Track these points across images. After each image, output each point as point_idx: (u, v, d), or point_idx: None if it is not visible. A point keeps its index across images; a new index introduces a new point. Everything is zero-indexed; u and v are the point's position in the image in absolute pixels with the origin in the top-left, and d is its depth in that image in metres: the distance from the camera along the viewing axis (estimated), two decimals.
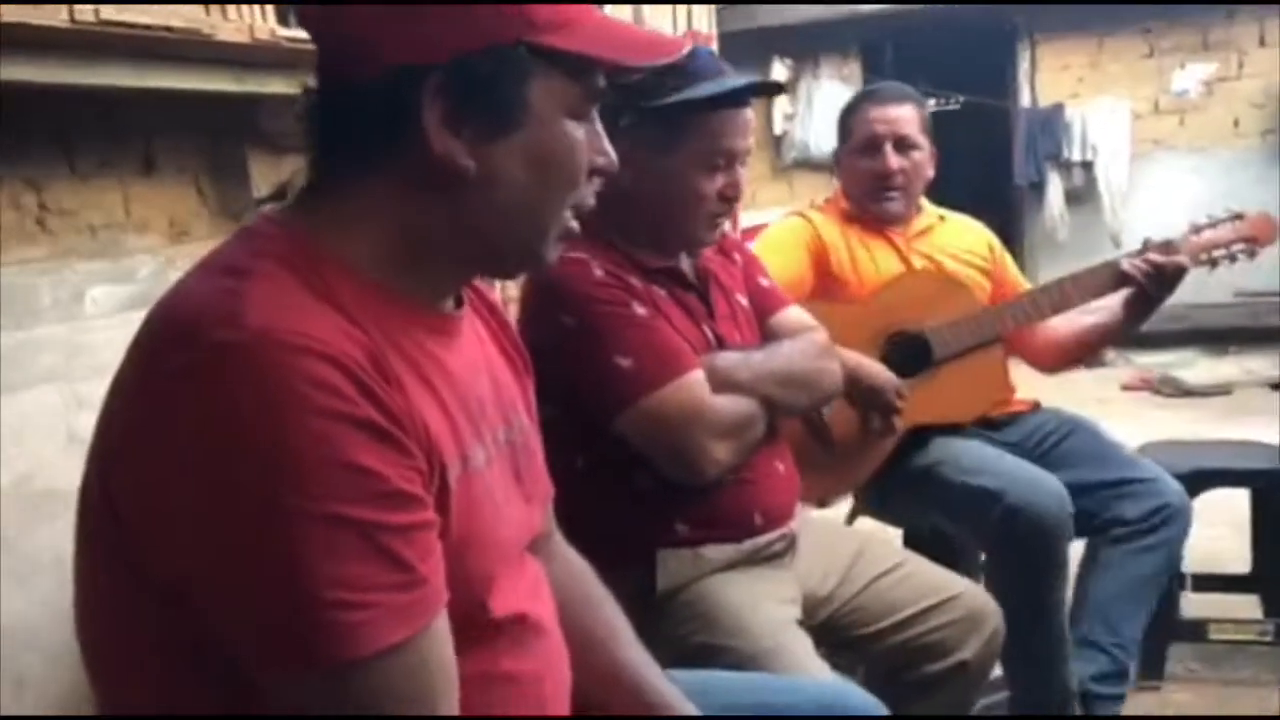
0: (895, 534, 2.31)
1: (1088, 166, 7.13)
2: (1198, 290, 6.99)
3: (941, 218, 2.46)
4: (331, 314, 0.82)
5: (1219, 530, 3.10)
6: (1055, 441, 2.32)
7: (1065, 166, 7.11)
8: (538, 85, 0.89)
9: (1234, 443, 3.05)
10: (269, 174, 3.23)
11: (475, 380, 0.97)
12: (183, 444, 0.76)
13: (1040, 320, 2.32)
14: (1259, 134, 6.99)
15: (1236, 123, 7.03)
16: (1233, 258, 2.31)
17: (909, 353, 2.21)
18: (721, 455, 1.56)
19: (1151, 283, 2.18)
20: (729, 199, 1.66)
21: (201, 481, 0.75)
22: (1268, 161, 6.95)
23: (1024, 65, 7.34)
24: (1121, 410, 2.46)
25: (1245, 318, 6.58)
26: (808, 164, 7.69)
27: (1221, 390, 5.92)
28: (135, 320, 0.88)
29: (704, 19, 5.91)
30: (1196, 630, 2.66)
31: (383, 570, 0.77)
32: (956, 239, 2.43)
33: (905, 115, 2.31)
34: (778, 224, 2.43)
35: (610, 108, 1.64)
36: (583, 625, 1.15)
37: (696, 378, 1.57)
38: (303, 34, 0.91)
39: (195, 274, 0.87)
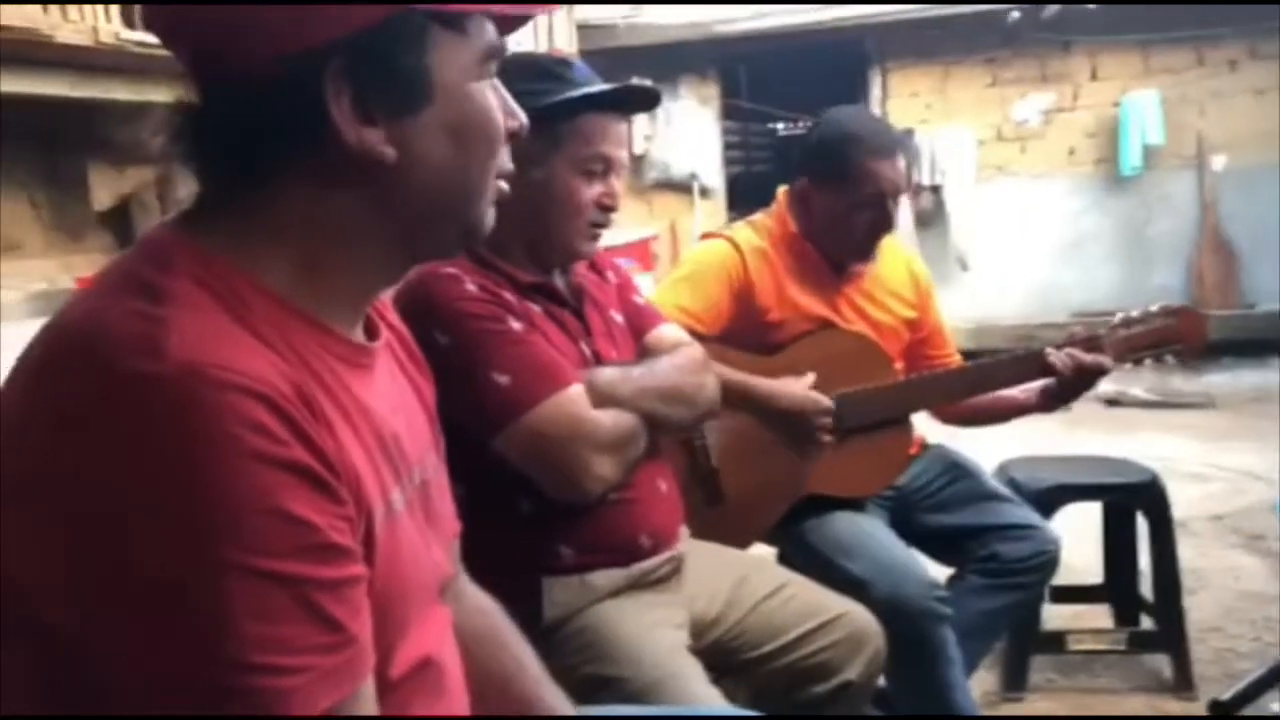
0: (771, 552, 2.30)
1: (936, 190, 7.39)
2: (1043, 309, 7.36)
3: (879, 254, 2.31)
4: (256, 344, 0.74)
5: (1070, 541, 3.22)
6: (941, 486, 2.33)
7: (915, 190, 7.35)
8: (438, 51, 0.82)
9: (1086, 458, 3.16)
10: (111, 186, 3.05)
11: (392, 417, 0.89)
12: (92, 484, 0.67)
13: (953, 403, 2.32)
14: (1093, 162, 7.38)
15: (1073, 151, 7.40)
16: (1159, 358, 2.26)
17: None
18: (604, 470, 1.52)
19: (1072, 378, 2.17)
20: (607, 208, 1.64)
21: (114, 525, 0.66)
22: (1102, 188, 7.37)
23: (875, 91, 7.58)
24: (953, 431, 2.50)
25: None
26: (668, 184, 7.79)
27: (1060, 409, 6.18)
28: None
29: (565, 38, 5.91)
30: (1056, 642, 2.74)
31: (313, 630, 0.70)
32: (888, 278, 2.33)
33: (904, 169, 2.19)
34: (701, 249, 2.27)
35: None
36: (491, 664, 1.10)
37: (576, 392, 1.53)
38: (150, 38, 0.80)
39: (100, 292, 0.76)
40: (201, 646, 0.67)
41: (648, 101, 1.66)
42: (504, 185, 0.92)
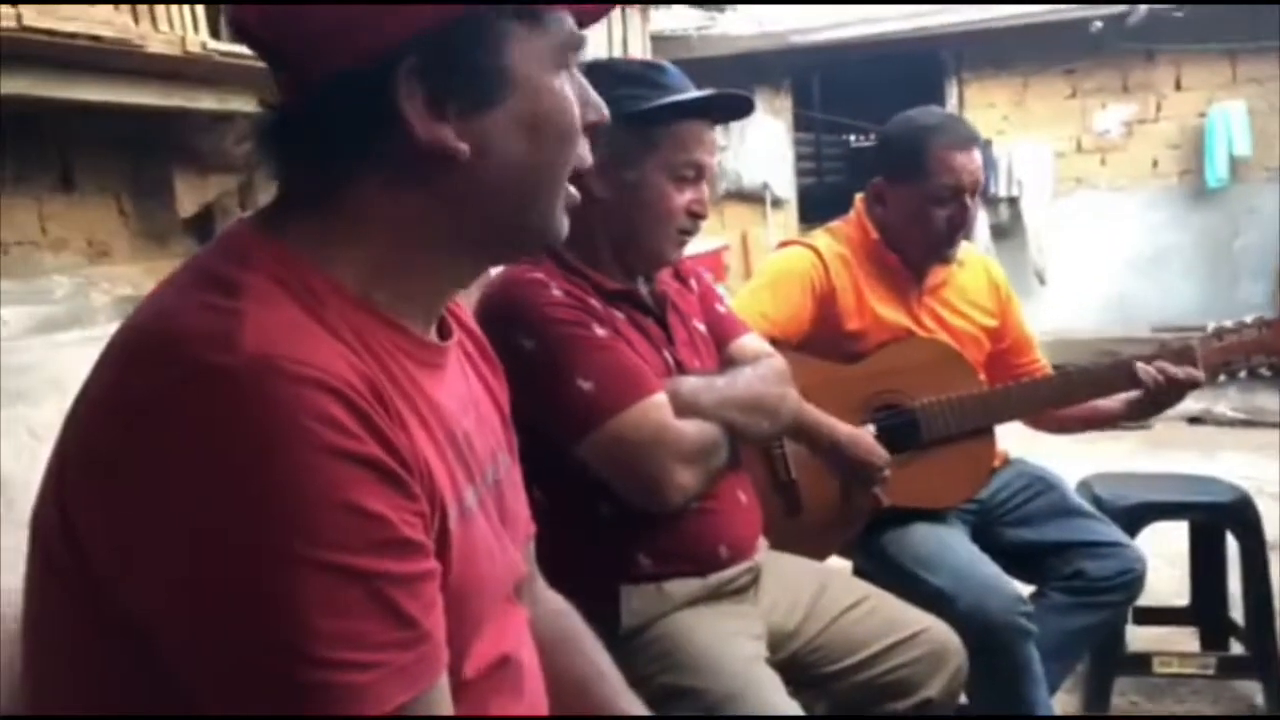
0: (847, 565, 2.26)
1: (1013, 203, 7.27)
2: (1123, 324, 7.18)
3: (960, 263, 2.29)
4: (330, 339, 0.74)
5: (1154, 561, 3.13)
6: (1024, 500, 2.28)
7: (992, 202, 7.23)
8: (514, 44, 0.81)
9: (1172, 476, 3.07)
10: (195, 193, 3.11)
11: (463, 416, 0.90)
12: (164, 476, 0.67)
13: (1042, 412, 2.27)
14: (1176, 174, 7.20)
15: (1155, 163, 7.23)
16: (1253, 371, 2.17)
17: (895, 427, 2.09)
18: (686, 480, 1.50)
19: (1161, 390, 2.10)
20: (696, 215, 1.63)
21: (185, 519, 0.67)
22: (1185, 201, 7.18)
23: (951, 102, 7.47)
24: (1042, 442, 2.43)
25: None
26: (739, 194, 7.76)
27: (1141, 425, 6.03)
28: (52, 342, 0.80)
29: (639, 49, 5.92)
30: (1141, 664, 2.66)
31: (386, 626, 0.70)
32: (968, 287, 2.30)
33: (980, 161, 2.16)
34: (782, 255, 2.24)
35: None
36: (568, 667, 1.10)
37: (660, 400, 1.51)
38: (235, 48, 0.82)
39: (176, 286, 0.78)
40: (274, 641, 0.67)
41: (741, 109, 1.66)
42: (574, 191, 0.90)
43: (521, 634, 0.97)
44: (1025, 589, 2.27)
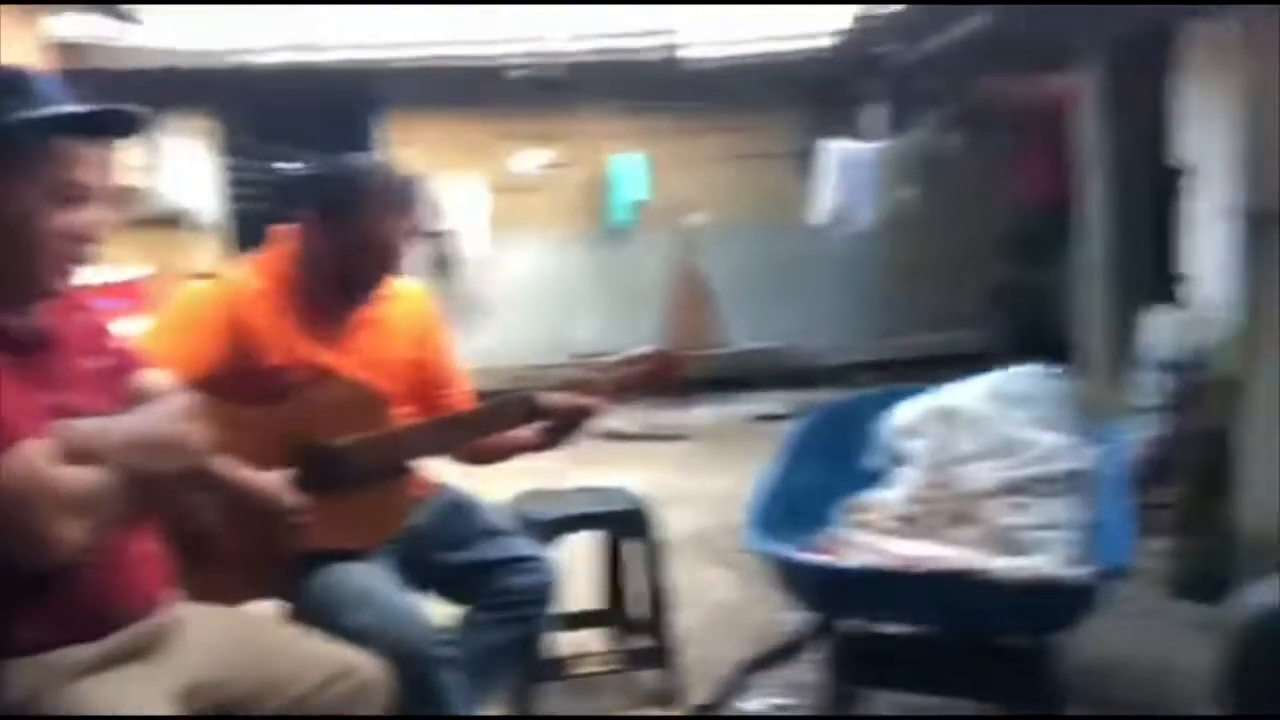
0: (281, 607, 2.18)
1: (444, 237, 7.55)
2: (546, 351, 7.70)
3: (390, 298, 2.31)
4: None
5: (576, 569, 3.36)
6: (448, 525, 2.34)
7: (427, 237, 7.42)
8: None
9: (587, 490, 3.33)
10: None
11: None
12: None
13: (456, 448, 2.34)
14: (586, 216, 7.98)
15: (567, 206, 7.95)
16: (647, 394, 2.45)
17: (318, 468, 2.07)
18: (72, 534, 1.34)
19: (564, 419, 2.27)
20: (83, 240, 1.48)
21: None
22: (593, 241, 8.01)
23: (383, 136, 7.58)
24: (466, 469, 2.55)
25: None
26: (160, 220, 7.24)
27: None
28: None
29: (32, 57, 5.30)
30: (563, 667, 2.86)
31: None
32: (396, 320, 2.31)
33: (401, 212, 2.20)
34: (191, 292, 2.15)
35: None
36: None
37: (31, 449, 1.35)
38: None
39: None
40: None
41: (129, 126, 1.52)
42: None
43: None
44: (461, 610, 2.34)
